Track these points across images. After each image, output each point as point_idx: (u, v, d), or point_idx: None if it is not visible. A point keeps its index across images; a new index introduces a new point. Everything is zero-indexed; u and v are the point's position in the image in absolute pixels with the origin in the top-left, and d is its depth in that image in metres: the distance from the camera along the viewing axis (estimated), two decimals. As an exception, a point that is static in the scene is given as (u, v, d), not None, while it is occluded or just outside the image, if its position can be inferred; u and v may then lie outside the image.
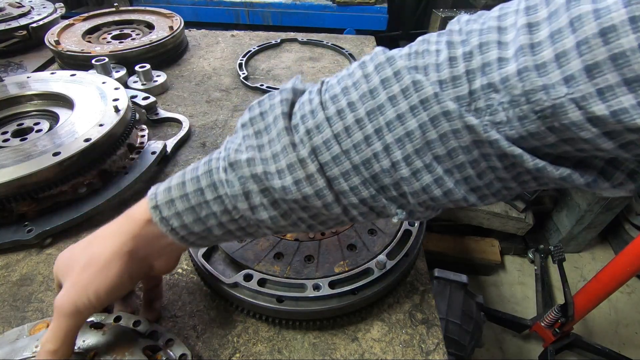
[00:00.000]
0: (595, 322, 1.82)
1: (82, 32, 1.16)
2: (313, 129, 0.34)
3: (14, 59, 1.18)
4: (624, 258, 1.29)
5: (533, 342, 1.74)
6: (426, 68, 0.31)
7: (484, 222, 1.88)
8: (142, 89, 1.00)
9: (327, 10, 1.91)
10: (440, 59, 0.30)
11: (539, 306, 1.75)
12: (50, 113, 0.80)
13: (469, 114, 0.29)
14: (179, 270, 0.60)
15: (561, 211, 1.94)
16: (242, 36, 1.39)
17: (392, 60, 0.32)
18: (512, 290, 1.94)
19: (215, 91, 1.07)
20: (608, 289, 1.37)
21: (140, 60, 1.04)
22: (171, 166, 0.81)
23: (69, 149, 0.63)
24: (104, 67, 0.97)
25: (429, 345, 0.52)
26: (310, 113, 0.35)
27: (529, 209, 1.82)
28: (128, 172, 0.73)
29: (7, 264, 0.61)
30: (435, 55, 0.31)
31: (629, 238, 1.97)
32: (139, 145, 0.80)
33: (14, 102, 0.80)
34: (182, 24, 1.21)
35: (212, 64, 1.20)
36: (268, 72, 1.17)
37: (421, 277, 0.61)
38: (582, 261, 2.12)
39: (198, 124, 0.94)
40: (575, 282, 1.97)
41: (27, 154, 0.63)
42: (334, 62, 1.23)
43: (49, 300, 0.56)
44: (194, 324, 0.53)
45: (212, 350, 0.50)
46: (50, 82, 0.82)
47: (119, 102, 0.75)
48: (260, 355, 0.50)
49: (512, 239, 2.02)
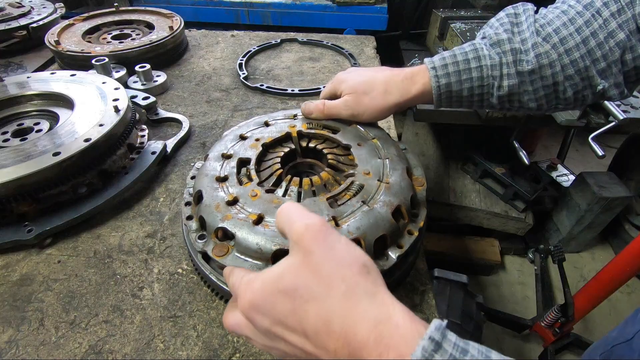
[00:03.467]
0: (595, 322, 1.82)
1: (82, 32, 1.16)
2: (546, 24, 0.59)
3: (14, 59, 1.18)
4: (624, 258, 1.29)
5: (533, 342, 1.74)
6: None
7: (484, 222, 1.88)
8: (142, 89, 1.00)
9: (327, 10, 1.91)
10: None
11: (539, 306, 1.75)
12: (50, 113, 0.80)
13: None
14: (179, 270, 0.60)
15: (561, 211, 1.94)
16: (242, 36, 1.39)
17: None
18: (512, 290, 1.94)
19: (215, 91, 1.07)
20: (608, 289, 1.37)
21: (140, 60, 1.04)
22: (171, 166, 0.81)
23: (69, 149, 0.63)
24: (104, 67, 0.97)
25: (429, 345, 0.52)
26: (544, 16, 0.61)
27: (529, 209, 1.82)
28: (128, 172, 0.73)
29: (7, 263, 0.61)
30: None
31: (629, 238, 1.97)
32: (139, 145, 0.81)
33: (14, 102, 0.80)
34: (182, 24, 1.21)
35: (212, 64, 1.20)
36: (268, 72, 1.17)
37: (421, 277, 0.61)
38: (582, 261, 2.11)
39: (198, 124, 0.94)
40: (575, 282, 1.97)
41: (27, 154, 0.63)
42: (334, 62, 1.23)
43: (48, 300, 0.56)
44: (194, 323, 0.53)
45: (212, 350, 0.50)
46: (50, 82, 0.82)
47: (119, 102, 0.75)
48: (260, 355, 0.50)
49: (512, 239, 2.02)
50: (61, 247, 0.64)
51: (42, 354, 0.50)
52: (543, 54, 0.58)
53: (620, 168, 1.99)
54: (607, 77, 0.58)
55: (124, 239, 0.65)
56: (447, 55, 0.63)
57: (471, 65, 0.61)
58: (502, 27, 0.61)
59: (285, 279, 0.34)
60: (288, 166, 0.66)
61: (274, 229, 0.50)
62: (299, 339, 0.33)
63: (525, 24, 0.60)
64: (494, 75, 0.61)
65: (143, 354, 0.50)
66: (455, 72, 0.62)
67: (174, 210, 0.70)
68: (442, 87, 0.62)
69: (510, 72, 0.60)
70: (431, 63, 0.64)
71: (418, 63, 1.93)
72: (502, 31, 0.61)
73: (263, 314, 0.35)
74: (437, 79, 0.62)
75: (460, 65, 0.62)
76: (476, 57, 0.61)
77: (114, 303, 0.56)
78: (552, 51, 0.58)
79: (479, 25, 1.68)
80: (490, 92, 0.62)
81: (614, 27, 0.55)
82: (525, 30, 0.60)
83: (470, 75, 0.61)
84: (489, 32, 0.63)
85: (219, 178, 0.58)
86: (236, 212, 0.52)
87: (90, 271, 0.60)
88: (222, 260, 0.49)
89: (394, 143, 0.66)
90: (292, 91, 1.05)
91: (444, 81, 0.62)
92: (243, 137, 0.66)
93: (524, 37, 0.59)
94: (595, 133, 1.32)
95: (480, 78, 0.61)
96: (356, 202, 0.53)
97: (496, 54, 0.60)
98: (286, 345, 0.35)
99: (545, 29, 0.59)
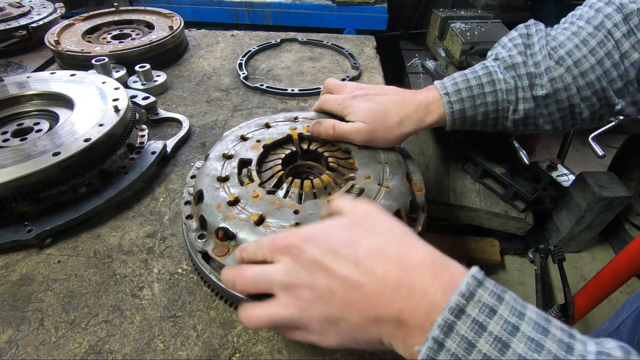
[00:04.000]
0: (596, 322, 1.82)
1: (82, 32, 1.16)
2: (557, 46, 0.59)
3: (14, 59, 1.18)
4: (624, 258, 1.29)
5: (533, 342, 1.73)
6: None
7: (484, 222, 1.88)
8: (142, 89, 1.00)
9: (327, 10, 1.91)
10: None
11: (539, 306, 1.75)
12: (50, 113, 0.79)
13: None
14: (179, 270, 0.60)
15: (561, 211, 1.94)
16: (242, 36, 1.39)
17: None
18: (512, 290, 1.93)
19: (215, 91, 1.07)
20: (608, 288, 1.37)
21: (140, 60, 1.04)
22: (171, 166, 0.81)
23: (68, 149, 0.63)
24: (104, 67, 0.97)
25: (429, 345, 0.52)
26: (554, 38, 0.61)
27: (529, 209, 1.82)
28: (128, 172, 0.73)
29: (7, 263, 0.61)
30: None
31: (629, 238, 1.97)
32: (138, 145, 0.80)
33: (14, 102, 0.80)
34: (182, 24, 1.21)
35: (212, 63, 1.20)
36: (268, 72, 1.17)
37: (421, 277, 0.60)
38: (582, 261, 2.11)
39: (198, 123, 0.94)
40: (575, 282, 1.97)
41: (27, 154, 0.63)
42: (334, 62, 1.23)
43: (48, 300, 0.56)
44: (194, 323, 0.53)
45: (212, 350, 0.50)
46: (50, 82, 0.82)
47: (118, 102, 0.75)
48: (260, 355, 0.50)
49: (512, 239, 2.02)
50: (61, 247, 0.64)
51: (42, 354, 0.50)
52: (557, 78, 0.58)
53: (620, 168, 1.99)
54: (624, 95, 0.59)
55: (123, 239, 0.65)
56: (460, 80, 0.62)
57: (485, 90, 0.60)
58: (516, 48, 0.60)
59: (344, 221, 0.39)
60: (289, 168, 0.66)
61: (275, 230, 0.50)
62: (348, 267, 0.34)
63: (538, 45, 0.60)
64: (510, 100, 0.60)
65: (143, 354, 0.50)
66: (469, 98, 0.61)
67: (174, 210, 0.70)
68: (455, 113, 0.62)
69: (526, 96, 0.60)
70: (444, 89, 0.62)
71: (418, 63, 1.93)
72: (516, 53, 0.60)
73: (316, 244, 0.36)
74: (451, 105, 0.62)
75: (474, 90, 0.61)
76: (490, 82, 0.60)
77: (113, 303, 0.56)
78: (567, 74, 0.57)
79: (479, 25, 1.68)
80: (505, 115, 0.62)
81: (627, 48, 0.56)
82: (537, 52, 0.59)
83: (484, 100, 0.61)
84: (502, 54, 0.62)
85: (220, 178, 0.58)
86: (237, 213, 0.52)
87: (90, 271, 0.60)
88: (223, 260, 0.49)
89: (394, 148, 0.66)
90: (292, 91, 1.05)
91: (458, 107, 0.62)
92: (244, 138, 0.66)
93: (537, 60, 0.59)
94: (595, 133, 1.31)
95: (495, 102, 0.61)
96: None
97: (511, 78, 0.60)
98: (328, 277, 0.35)
99: (557, 52, 0.58)
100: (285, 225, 0.50)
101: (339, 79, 1.11)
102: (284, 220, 0.51)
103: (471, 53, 1.62)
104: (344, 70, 1.18)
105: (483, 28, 1.67)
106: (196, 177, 0.61)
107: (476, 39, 1.60)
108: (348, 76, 1.12)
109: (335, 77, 1.12)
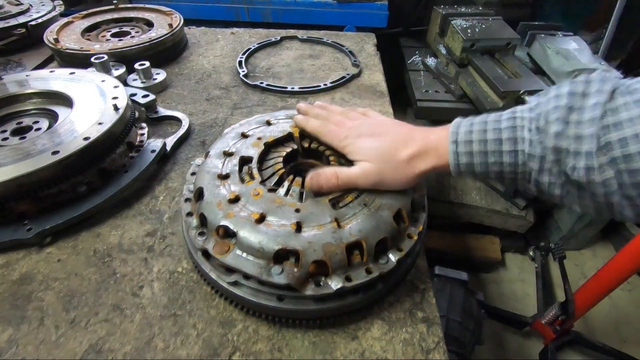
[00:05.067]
0: (596, 320, 1.82)
1: (81, 30, 1.16)
2: (612, 125, 0.40)
3: (13, 57, 1.18)
4: (625, 255, 1.29)
5: (533, 339, 1.74)
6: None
7: (484, 220, 1.88)
8: (142, 87, 1.00)
9: (328, 7, 1.90)
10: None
11: (540, 304, 1.75)
12: (49, 111, 0.79)
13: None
14: (179, 269, 0.60)
15: (562, 209, 1.94)
16: (242, 34, 1.38)
17: None
18: (513, 288, 1.94)
19: (215, 89, 1.06)
20: (609, 286, 1.37)
21: (139, 58, 1.03)
22: (171, 164, 0.81)
23: (68, 148, 0.63)
24: (103, 65, 0.96)
25: (429, 344, 0.52)
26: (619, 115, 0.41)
27: (530, 206, 1.81)
28: (128, 171, 0.73)
29: (7, 262, 0.61)
30: None
31: (629, 235, 1.97)
32: (138, 143, 0.80)
33: (13, 100, 0.80)
34: (181, 22, 1.21)
35: (212, 61, 1.20)
36: (268, 69, 1.16)
37: (422, 275, 0.60)
38: (583, 258, 2.11)
39: (198, 122, 0.93)
40: (575, 279, 1.97)
41: (26, 152, 0.63)
42: (334, 60, 1.23)
43: (48, 299, 0.56)
44: (194, 322, 0.53)
45: (212, 349, 0.50)
46: (49, 81, 0.82)
47: (118, 100, 0.74)
48: (260, 354, 0.50)
49: (512, 236, 2.02)
50: (61, 246, 0.63)
51: (42, 353, 0.50)
52: (596, 168, 0.42)
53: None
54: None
55: (123, 238, 0.65)
56: (477, 128, 0.50)
57: (503, 148, 0.48)
58: (558, 112, 0.44)
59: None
60: (289, 166, 0.66)
61: (276, 229, 0.49)
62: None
63: (589, 114, 0.42)
64: (532, 168, 0.47)
65: (143, 353, 0.50)
66: (481, 153, 0.49)
67: (174, 209, 0.70)
68: (462, 166, 0.51)
69: (552, 170, 0.46)
70: (454, 134, 0.51)
71: (419, 61, 1.93)
72: (554, 119, 0.44)
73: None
74: (457, 156, 0.51)
75: (488, 145, 0.49)
76: (512, 139, 0.48)
77: (113, 302, 0.56)
78: (608, 167, 0.41)
79: (479, 22, 1.67)
80: (526, 178, 0.49)
81: None
82: (585, 122, 0.42)
83: (500, 159, 0.49)
84: (542, 108, 0.47)
85: (221, 175, 0.57)
86: (238, 210, 0.52)
87: (90, 270, 0.60)
88: (223, 258, 0.49)
89: None
90: (292, 89, 1.04)
91: (465, 160, 0.50)
92: (245, 135, 0.66)
93: (581, 133, 0.42)
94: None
95: (514, 165, 0.48)
96: (358, 204, 0.53)
97: (539, 143, 0.46)
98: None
99: (608, 134, 0.41)
100: (286, 223, 0.50)
101: (339, 76, 1.12)
102: (285, 218, 0.51)
103: (472, 50, 1.62)
104: (344, 68, 1.18)
105: (484, 25, 1.67)
106: (196, 175, 0.61)
107: (477, 36, 1.59)
108: (348, 74, 1.11)
109: (335, 75, 1.12)
